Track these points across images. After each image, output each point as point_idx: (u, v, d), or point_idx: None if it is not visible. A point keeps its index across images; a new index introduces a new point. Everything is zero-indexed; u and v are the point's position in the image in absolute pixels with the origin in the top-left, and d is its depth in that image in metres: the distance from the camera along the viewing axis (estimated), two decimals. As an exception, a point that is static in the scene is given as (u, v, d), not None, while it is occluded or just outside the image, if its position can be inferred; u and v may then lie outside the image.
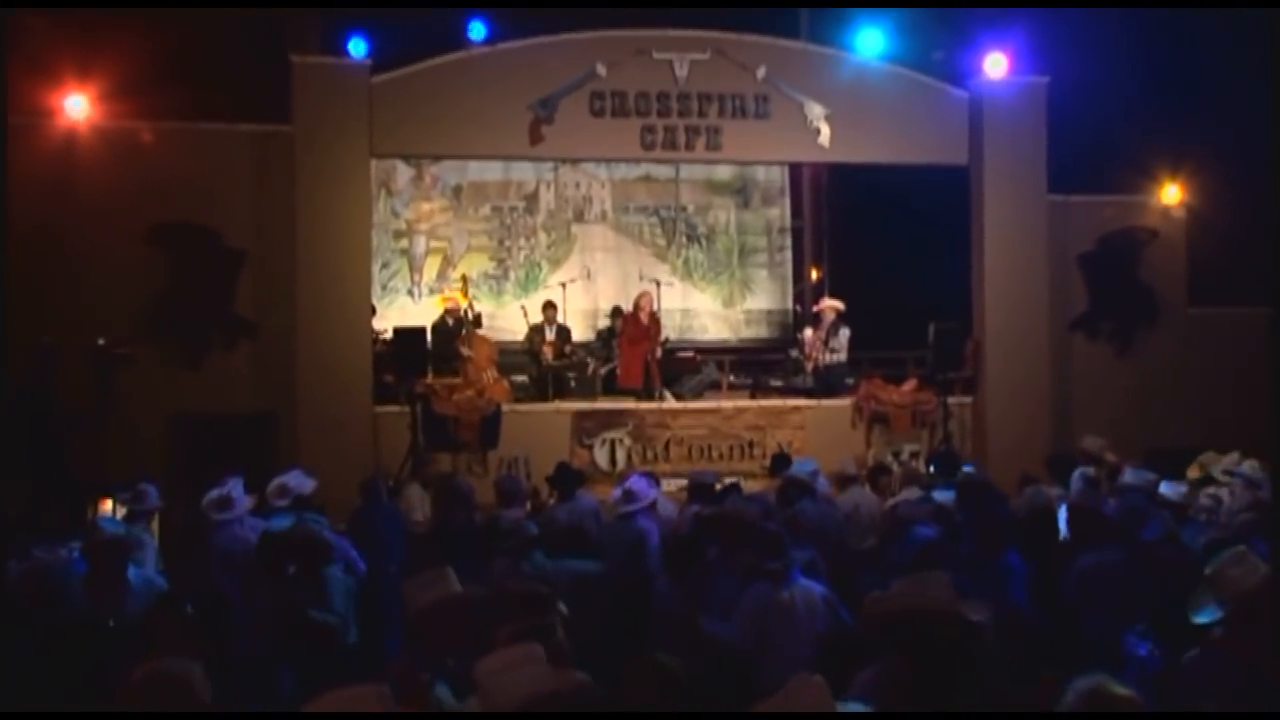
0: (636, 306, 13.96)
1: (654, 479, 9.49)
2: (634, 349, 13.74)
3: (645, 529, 8.00)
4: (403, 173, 16.58)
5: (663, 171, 17.11)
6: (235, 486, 8.05)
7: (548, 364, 13.88)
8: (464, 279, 14.17)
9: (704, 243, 17.51)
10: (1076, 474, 8.86)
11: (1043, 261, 13.63)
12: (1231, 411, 12.48)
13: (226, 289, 12.41)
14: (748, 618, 5.84)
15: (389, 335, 13.15)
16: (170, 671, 3.62)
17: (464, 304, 13.52)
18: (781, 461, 9.96)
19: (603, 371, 14.29)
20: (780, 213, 17.83)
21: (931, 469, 11.12)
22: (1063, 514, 7.35)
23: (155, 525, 8.58)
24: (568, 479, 9.45)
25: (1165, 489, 8.15)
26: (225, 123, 12.50)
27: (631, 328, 13.84)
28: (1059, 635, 5.88)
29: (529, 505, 10.57)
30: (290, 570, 6.38)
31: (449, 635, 4.22)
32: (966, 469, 9.62)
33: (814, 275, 17.86)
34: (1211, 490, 7.87)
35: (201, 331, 12.31)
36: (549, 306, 14.47)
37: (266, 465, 10.22)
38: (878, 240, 15.96)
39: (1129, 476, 8.41)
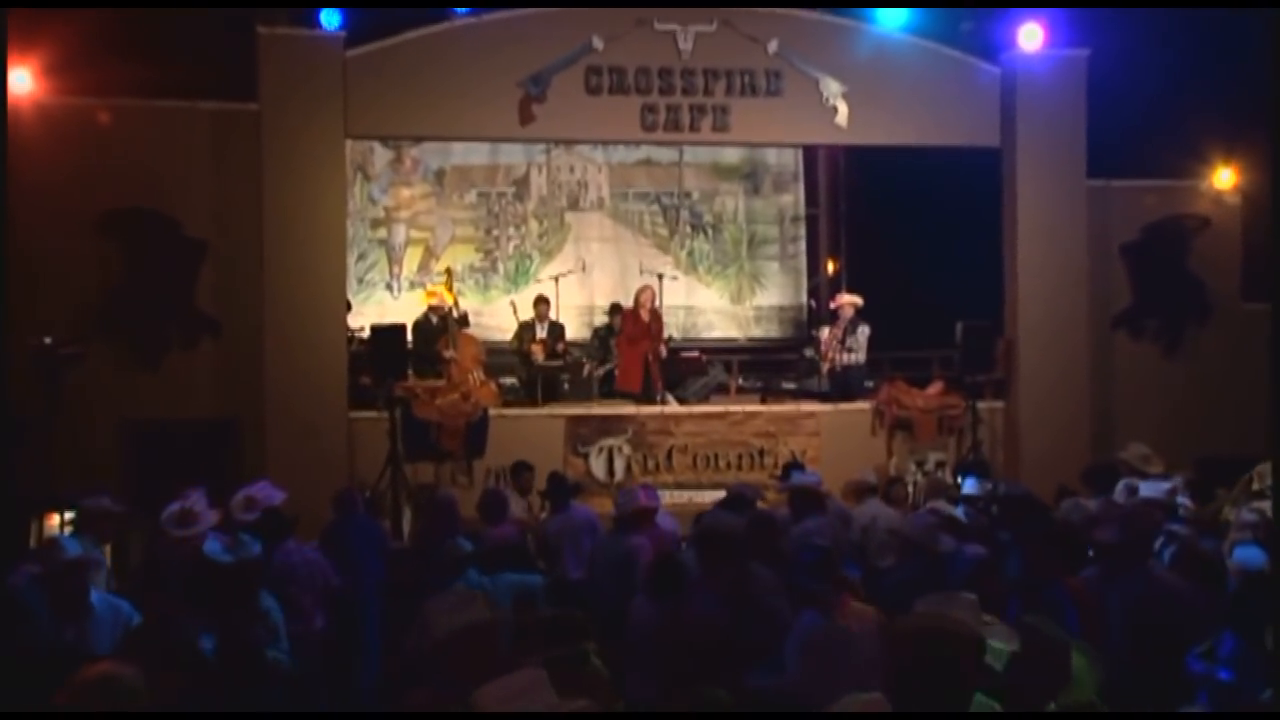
0: (636, 302, 13.93)
1: (654, 491, 9.44)
2: (633, 349, 13.71)
3: (637, 546, 8.00)
4: (380, 156, 16.57)
5: (665, 155, 17.09)
6: (197, 500, 8.00)
7: (539, 365, 13.85)
8: (448, 272, 14.14)
9: (710, 233, 17.50)
10: (1120, 486, 8.80)
11: (1082, 253, 13.58)
12: (1291, 417, 12.41)
13: (186, 282, 12.35)
14: (799, 654, 5.76)
15: (365, 333, 13.11)
16: (110, 674, 3.78)
17: (450, 300, 13.48)
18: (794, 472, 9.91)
19: (599, 373, 14.28)
20: (793, 200, 17.83)
21: (959, 480, 11.08)
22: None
23: (108, 543, 8.51)
24: (561, 490, 9.43)
25: (1182, 500, 8.13)
26: (184, 100, 12.43)
27: (631, 326, 13.81)
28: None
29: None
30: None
31: (477, 664, 4.18)
32: (968, 485, 9.55)
33: (830, 268, 17.87)
34: (1259, 504, 7.81)
35: (158, 329, 12.26)
36: (541, 302, 14.42)
37: (231, 476, 10.17)
38: (900, 230, 15.93)
39: (1144, 489, 8.39)
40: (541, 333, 14.16)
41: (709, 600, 6.33)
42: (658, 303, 14.02)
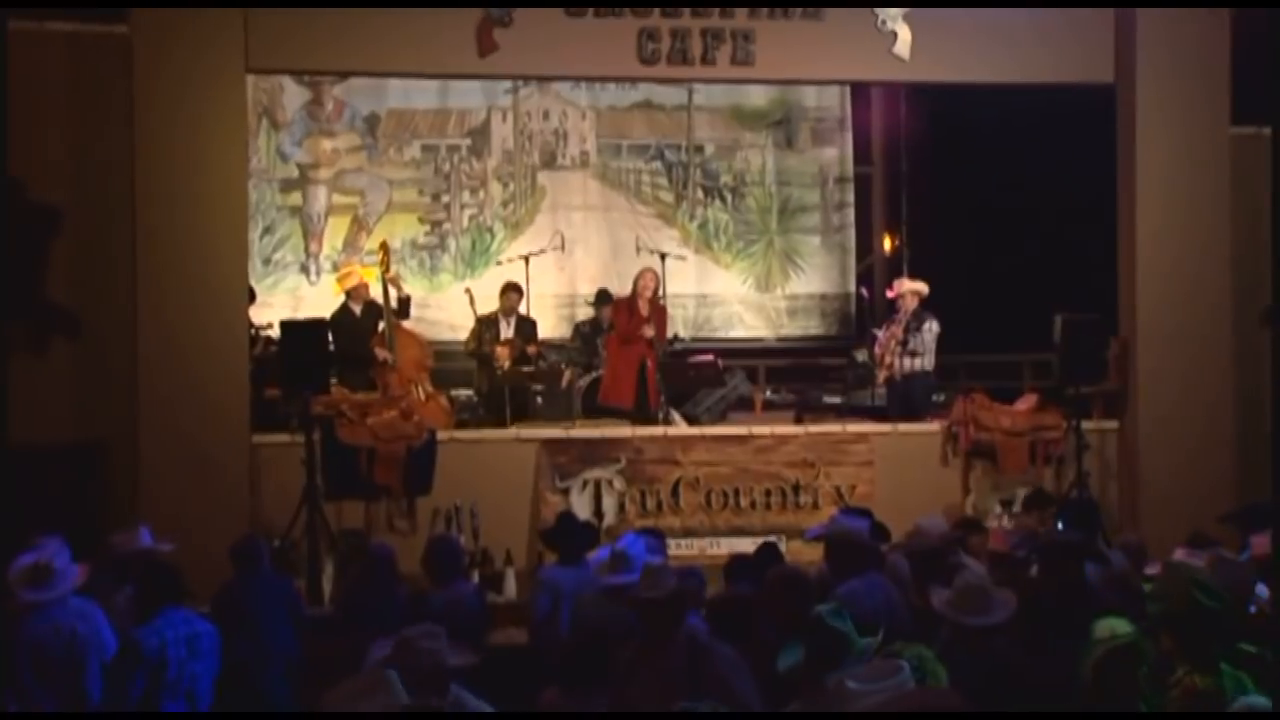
0: (632, 290, 13.98)
1: (659, 539, 9.39)
2: (628, 351, 13.77)
3: (624, 613, 7.90)
4: (293, 96, 16.59)
5: (670, 96, 17.13)
6: (57, 552, 7.93)
7: (504, 373, 13.89)
8: (384, 249, 14.07)
9: (729, 199, 17.55)
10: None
11: (1224, 223, 13.48)
12: None
13: (33, 263, 12.29)
14: None
15: (274, 331, 13.06)
16: None
17: (369, 278, 13.45)
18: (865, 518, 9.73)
19: (583, 383, 14.28)
20: (839, 155, 17.89)
21: (1059, 525, 11.02)
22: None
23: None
24: (576, 536, 9.39)
25: None
26: (30, 19, 12.35)
27: (625, 321, 13.87)
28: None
29: (476, 577, 10.58)
30: None
31: None
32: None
33: (887, 245, 17.91)
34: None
35: (-1, 325, 12.20)
36: (508, 290, 14.47)
37: (97, 520, 10.10)
38: (979, 195, 15.90)
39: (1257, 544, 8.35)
40: (507, 330, 14.22)
41: (645, 686, 6.33)
42: (660, 291, 14.04)
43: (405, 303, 13.75)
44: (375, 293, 13.67)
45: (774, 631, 7.02)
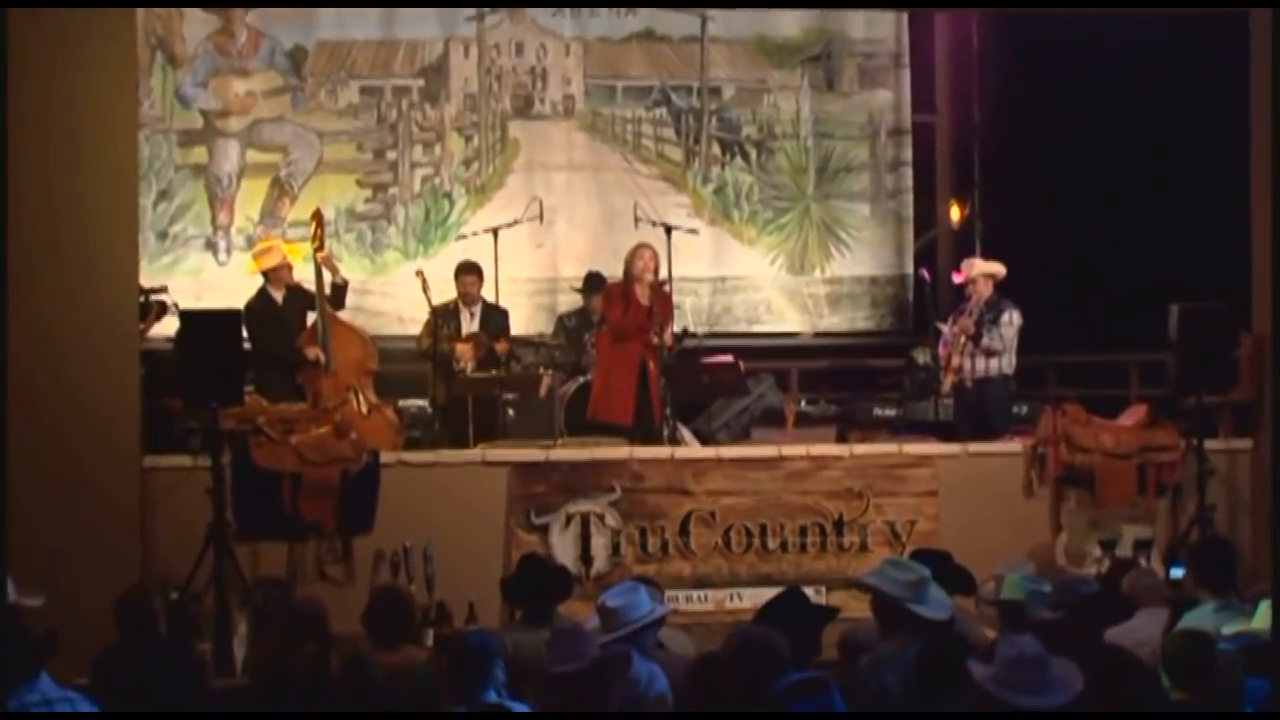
0: (629, 273, 14.02)
1: (656, 590, 9.35)
2: (624, 350, 13.81)
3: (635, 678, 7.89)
4: (195, 25, 16.58)
5: (677, 24, 17.14)
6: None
7: (467, 378, 13.91)
8: (316, 219, 14.07)
9: (754, 156, 17.48)
10: None
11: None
12: None
13: None
14: None
15: (169, 329, 13.02)
16: None
17: (297, 257, 13.44)
18: (942, 565, 9.60)
19: (567, 391, 14.31)
20: (893, 100, 17.84)
21: (1175, 573, 10.98)
22: None
23: None
24: (542, 587, 9.34)
25: None
26: None
27: (620, 312, 13.91)
28: None
29: (430, 638, 10.52)
30: None
31: None
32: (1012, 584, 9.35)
33: (955, 215, 17.84)
34: None
35: None
36: (468, 272, 14.50)
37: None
38: (1072, 152, 15.86)
39: None
40: (470, 323, 14.20)
41: None
42: (665, 274, 14.05)
43: (341, 289, 13.72)
44: (302, 275, 13.66)
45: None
